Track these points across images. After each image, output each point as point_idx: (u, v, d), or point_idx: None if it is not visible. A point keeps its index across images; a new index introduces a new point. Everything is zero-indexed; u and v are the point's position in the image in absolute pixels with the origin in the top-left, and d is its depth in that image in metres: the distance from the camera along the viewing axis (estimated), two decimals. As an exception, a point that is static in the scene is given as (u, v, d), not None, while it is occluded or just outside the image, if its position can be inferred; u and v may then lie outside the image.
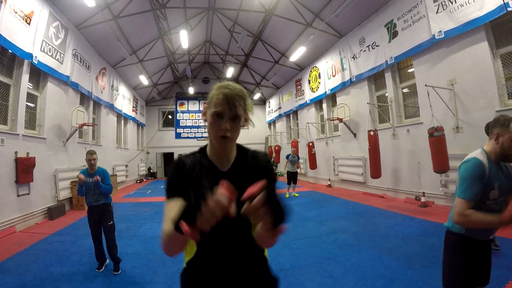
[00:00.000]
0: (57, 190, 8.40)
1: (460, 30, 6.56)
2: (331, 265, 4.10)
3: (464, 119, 6.81)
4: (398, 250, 4.52)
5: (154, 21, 12.69)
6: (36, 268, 4.30)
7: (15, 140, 6.83)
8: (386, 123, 9.47)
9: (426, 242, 4.81)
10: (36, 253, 5.02)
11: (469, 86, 6.64)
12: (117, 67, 13.93)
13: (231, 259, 1.18)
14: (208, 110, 1.19)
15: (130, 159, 16.80)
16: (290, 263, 4.25)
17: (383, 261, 4.13)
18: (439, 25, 7.05)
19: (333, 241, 5.23)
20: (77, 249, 5.13)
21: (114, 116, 14.59)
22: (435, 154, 6.52)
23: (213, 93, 1.19)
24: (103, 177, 4.28)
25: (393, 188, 9.19)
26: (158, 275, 3.97)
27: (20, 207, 6.88)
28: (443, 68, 7.29)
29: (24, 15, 6.77)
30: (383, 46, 9.12)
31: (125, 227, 6.68)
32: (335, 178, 12.67)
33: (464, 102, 6.78)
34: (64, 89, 9.18)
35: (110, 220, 4.30)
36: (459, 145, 6.83)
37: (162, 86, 21.15)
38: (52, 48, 8.07)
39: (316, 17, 11.18)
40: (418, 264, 3.92)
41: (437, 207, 7.32)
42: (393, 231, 5.61)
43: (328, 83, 12.82)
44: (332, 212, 7.68)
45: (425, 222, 6.04)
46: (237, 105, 1.15)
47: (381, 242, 4.97)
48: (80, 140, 10.52)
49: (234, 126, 1.17)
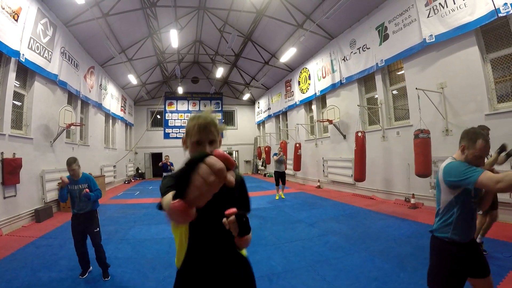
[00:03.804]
0: (44, 192, 8.20)
1: (451, 35, 6.65)
2: (324, 268, 4.09)
3: (453, 122, 6.92)
4: (389, 252, 4.56)
5: (144, 19, 12.54)
6: (24, 273, 4.19)
7: (1, 141, 6.63)
8: (376, 125, 9.57)
9: (417, 244, 4.86)
10: (23, 257, 4.88)
11: (459, 90, 6.74)
12: (105, 66, 13.72)
13: (217, 258, 1.41)
14: (188, 139, 1.40)
15: (118, 159, 16.57)
16: (282, 266, 4.23)
17: (375, 263, 4.15)
18: (430, 29, 7.14)
19: (324, 243, 5.24)
20: (65, 253, 4.99)
21: (102, 116, 14.36)
22: (418, 155, 6.58)
23: (189, 125, 1.39)
24: (89, 184, 4.06)
25: (382, 189, 9.28)
26: (149, 280, 3.90)
27: (7, 209, 6.68)
28: (433, 72, 7.39)
29: (11, 11, 6.59)
30: (373, 49, 9.20)
31: (113, 229, 6.57)
32: (325, 179, 12.73)
33: (454, 105, 6.90)
34: (52, 88, 8.97)
35: (96, 227, 4.10)
36: (449, 148, 6.93)
37: (151, 85, 20.96)
38: (40, 46, 7.88)
39: (307, 19, 11.22)
40: (410, 266, 3.95)
41: (427, 208, 7.43)
42: (384, 232, 5.66)
43: (318, 84, 12.87)
44: (323, 213, 7.70)
45: (415, 224, 6.11)
46: (212, 131, 1.35)
47: (372, 244, 5.00)
48: (67, 140, 10.31)
49: (212, 149, 1.35)
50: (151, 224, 7.13)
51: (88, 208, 4.05)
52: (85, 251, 4.05)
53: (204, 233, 1.39)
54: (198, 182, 0.66)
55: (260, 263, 4.36)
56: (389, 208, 7.85)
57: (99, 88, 13.24)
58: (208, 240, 1.39)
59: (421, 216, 6.70)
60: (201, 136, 1.33)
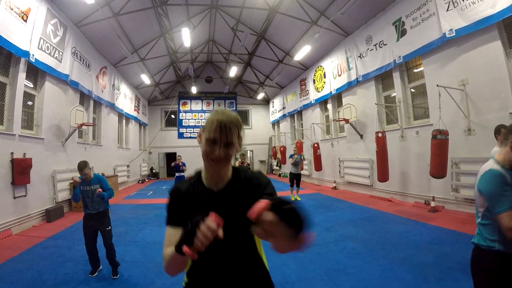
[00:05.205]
0: (56, 192, 8.20)
1: (472, 29, 6.29)
2: (340, 277, 3.84)
3: (476, 121, 6.54)
4: (410, 260, 4.26)
5: (156, 19, 12.46)
6: (29, 275, 4.15)
7: (11, 141, 6.63)
8: (394, 124, 9.19)
9: (439, 251, 4.55)
10: (30, 258, 4.86)
11: (482, 87, 6.37)
12: (118, 66, 13.73)
13: (227, 269, 1.21)
14: (203, 134, 1.22)
15: (131, 159, 16.61)
16: (296, 275, 3.99)
17: (396, 273, 3.86)
18: (449, 23, 6.77)
19: (341, 249, 4.97)
20: (73, 255, 4.95)
21: (116, 116, 14.40)
22: (434, 156, 6.32)
23: (209, 119, 1.21)
24: (101, 184, 4.21)
25: (401, 191, 8.91)
26: (156, 285, 3.75)
27: (17, 209, 6.68)
28: (454, 68, 7.02)
29: (20, 12, 6.57)
30: (391, 45, 8.84)
31: (123, 231, 6.47)
32: (341, 180, 12.39)
33: (476, 103, 6.51)
34: (63, 88, 8.97)
35: (107, 226, 4.25)
36: (471, 149, 6.60)
37: (165, 85, 20.97)
38: (50, 46, 7.86)
39: (321, 15, 10.93)
40: (433, 276, 3.67)
41: (448, 212, 7.05)
42: (404, 238, 5.34)
43: (333, 82, 12.55)
44: (339, 217, 7.40)
45: (436, 229, 5.75)
46: (232, 132, 1.17)
47: (392, 251, 4.71)
48: (80, 140, 10.32)
49: (227, 152, 1.18)
50: (161, 225, 6.88)
51: (100, 208, 4.19)
52: (95, 250, 4.16)
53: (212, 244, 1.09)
54: (200, 236, 0.90)
55: (273, 270, 4.06)
56: (408, 211, 7.50)
57: (112, 88, 13.25)
58: (216, 250, 1.13)
59: (442, 220, 6.32)
60: (217, 135, 1.15)
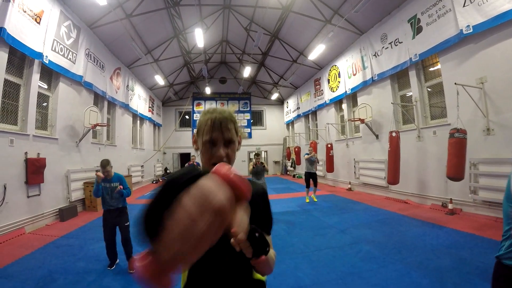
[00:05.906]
0: (69, 191, 8.32)
1: (490, 24, 6.01)
2: (355, 282, 3.71)
3: (495, 120, 6.24)
4: (427, 265, 4.08)
5: (169, 19, 12.54)
6: (40, 274, 4.19)
7: (25, 141, 6.74)
8: (411, 124, 8.92)
9: (457, 255, 4.35)
10: (42, 257, 4.93)
11: (501, 85, 6.08)
12: (132, 67, 13.86)
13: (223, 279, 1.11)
14: (199, 139, 1.16)
15: (146, 159, 16.76)
16: (310, 279, 3.88)
17: (412, 278, 3.70)
18: (467, 19, 6.49)
19: (356, 252, 4.81)
20: (84, 255, 5.01)
21: (130, 116, 14.56)
22: (451, 156, 6.02)
23: (201, 120, 1.16)
24: (121, 183, 4.48)
25: (417, 193, 8.62)
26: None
27: (30, 208, 6.79)
28: (472, 66, 6.73)
29: (33, 14, 6.68)
30: (406, 43, 8.58)
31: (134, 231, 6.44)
32: (356, 181, 12.14)
33: (496, 102, 6.22)
34: (77, 89, 9.10)
35: (126, 221, 4.55)
36: (490, 149, 6.31)
37: (179, 86, 21.09)
38: (64, 48, 7.98)
39: (335, 14, 10.73)
40: (451, 282, 3.50)
41: (466, 215, 6.76)
42: (421, 242, 5.13)
43: (348, 82, 12.32)
44: (354, 219, 7.22)
45: (454, 232, 5.51)
46: (230, 128, 1.12)
47: (408, 255, 4.52)
48: (94, 141, 10.46)
49: (229, 151, 1.12)
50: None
51: (119, 204, 4.51)
52: (114, 243, 4.44)
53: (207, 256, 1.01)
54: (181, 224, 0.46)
55: (286, 274, 4.04)
56: (425, 214, 7.23)
57: (126, 89, 13.40)
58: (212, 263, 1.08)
59: (460, 224, 6.05)
60: (215, 134, 1.09)
